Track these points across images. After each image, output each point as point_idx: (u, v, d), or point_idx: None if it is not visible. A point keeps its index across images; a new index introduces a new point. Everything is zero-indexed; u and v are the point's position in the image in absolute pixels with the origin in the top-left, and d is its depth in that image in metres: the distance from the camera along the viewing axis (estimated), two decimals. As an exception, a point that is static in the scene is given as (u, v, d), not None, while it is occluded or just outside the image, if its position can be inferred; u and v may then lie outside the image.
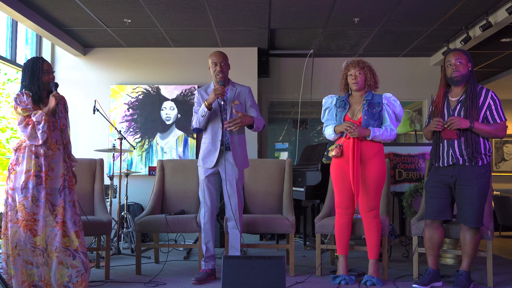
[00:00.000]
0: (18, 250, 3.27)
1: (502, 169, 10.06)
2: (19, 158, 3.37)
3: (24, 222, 3.28)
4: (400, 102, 3.88)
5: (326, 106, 4.01)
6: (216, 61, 3.94)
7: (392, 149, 5.34)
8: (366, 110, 3.80)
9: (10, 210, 3.32)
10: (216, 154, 3.90)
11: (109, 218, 4.22)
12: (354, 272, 4.11)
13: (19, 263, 3.26)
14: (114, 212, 5.91)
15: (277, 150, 14.48)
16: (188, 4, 5.16)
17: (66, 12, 5.42)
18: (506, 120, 3.61)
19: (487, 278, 3.80)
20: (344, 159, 3.82)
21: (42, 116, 3.34)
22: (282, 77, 7.33)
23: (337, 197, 3.93)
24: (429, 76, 7.26)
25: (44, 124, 3.34)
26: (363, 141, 3.77)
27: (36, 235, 3.30)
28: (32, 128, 3.33)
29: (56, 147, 3.46)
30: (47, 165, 3.38)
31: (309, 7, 5.30)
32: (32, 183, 3.32)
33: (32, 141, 3.35)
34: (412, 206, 4.86)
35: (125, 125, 6.64)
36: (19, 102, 3.37)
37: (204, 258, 3.99)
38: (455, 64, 3.62)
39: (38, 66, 3.45)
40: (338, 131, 3.84)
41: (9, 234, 3.29)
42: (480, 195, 3.54)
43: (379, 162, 3.80)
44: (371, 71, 3.88)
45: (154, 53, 6.83)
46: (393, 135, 3.80)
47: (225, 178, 3.92)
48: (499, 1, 5.05)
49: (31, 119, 3.34)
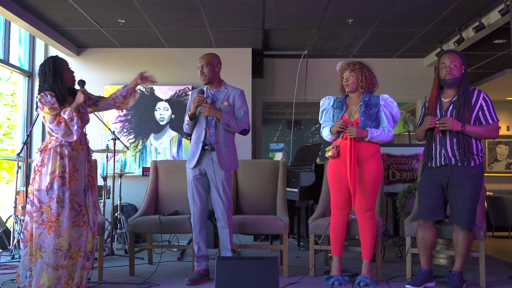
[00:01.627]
0: (41, 252, 3.27)
1: (495, 169, 10.12)
2: (45, 159, 3.37)
3: (50, 223, 3.28)
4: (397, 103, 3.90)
5: (324, 107, 4.02)
6: (199, 64, 3.99)
7: (385, 150, 5.35)
8: (363, 111, 3.81)
9: (35, 212, 3.31)
10: (197, 155, 3.91)
11: (103, 219, 4.20)
12: (348, 272, 4.12)
13: (40, 265, 3.26)
14: (107, 212, 5.89)
15: (272, 150, 14.51)
16: (182, 4, 5.16)
17: (60, 12, 5.40)
18: (498, 121, 3.63)
19: (479, 278, 3.82)
20: (341, 160, 3.83)
21: (72, 112, 3.36)
22: (276, 78, 7.33)
23: (333, 198, 3.93)
24: (422, 77, 7.28)
25: (77, 120, 3.36)
26: (360, 142, 3.78)
27: (60, 236, 3.30)
28: (66, 125, 3.33)
29: (80, 147, 3.48)
30: (71, 166, 3.39)
31: (303, 8, 5.31)
32: (57, 184, 3.32)
33: (67, 138, 3.36)
34: (405, 206, 4.87)
35: (119, 126, 6.63)
36: (45, 102, 3.36)
37: (196, 258, 3.99)
38: (449, 67, 3.63)
39: (59, 64, 3.45)
40: (334, 132, 3.84)
41: (34, 235, 3.29)
42: (473, 195, 3.55)
43: (376, 163, 3.82)
44: (363, 73, 3.85)
45: (148, 53, 6.82)
46: (391, 136, 3.81)
47: (214, 179, 3.90)
48: (492, 2, 5.08)
49: (62, 117, 3.34)
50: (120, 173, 5.66)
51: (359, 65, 3.87)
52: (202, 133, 3.91)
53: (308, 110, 7.23)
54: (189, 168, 3.98)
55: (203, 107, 3.82)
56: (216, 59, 4.02)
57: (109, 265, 4.67)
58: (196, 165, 3.92)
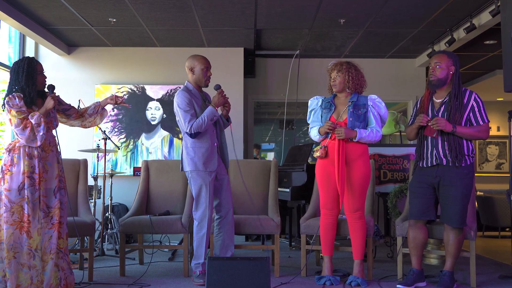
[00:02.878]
0: (14, 253, 3.23)
1: (485, 169, 10.19)
2: (14, 158, 3.33)
3: (21, 223, 3.24)
4: (385, 103, 3.90)
5: (312, 107, 4.02)
6: (209, 66, 4.03)
7: (377, 150, 5.36)
8: (352, 111, 3.81)
9: (5, 212, 3.27)
10: (216, 156, 3.94)
11: (93, 219, 4.17)
12: (339, 272, 4.12)
13: (14, 266, 3.22)
14: (98, 213, 5.86)
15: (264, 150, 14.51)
16: (174, 3, 5.13)
17: (50, 11, 5.36)
18: (489, 122, 3.65)
19: (470, 278, 3.83)
20: (329, 160, 3.83)
21: (40, 118, 3.32)
22: (268, 77, 7.33)
23: (322, 198, 3.94)
24: (414, 77, 7.31)
25: (44, 126, 3.32)
26: (348, 143, 3.79)
27: (31, 237, 3.26)
28: (31, 130, 3.29)
29: (49, 148, 3.44)
30: (41, 167, 3.35)
31: (295, 8, 5.31)
32: (26, 184, 3.29)
33: (30, 144, 3.32)
34: (396, 206, 4.89)
35: (110, 125, 6.59)
36: (12, 105, 3.31)
37: (202, 264, 3.94)
38: (433, 68, 3.67)
39: (34, 67, 3.41)
40: (322, 132, 3.85)
41: (5, 236, 3.24)
42: (464, 195, 3.57)
43: (364, 163, 3.82)
44: (350, 73, 3.84)
45: (140, 52, 6.79)
46: (379, 137, 3.82)
47: (222, 178, 4.02)
48: (482, 4, 5.10)
49: (29, 121, 3.30)
50: (111, 173, 5.63)
51: (346, 65, 3.86)
52: (214, 135, 3.98)
53: (300, 110, 7.22)
54: (205, 172, 3.90)
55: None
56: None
57: (99, 266, 4.64)
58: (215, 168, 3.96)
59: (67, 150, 6.41)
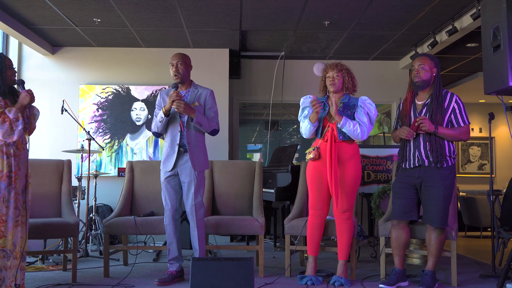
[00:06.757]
0: None
1: (467, 170, 10.32)
2: None
3: None
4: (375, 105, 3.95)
5: (304, 105, 4.04)
6: (173, 62, 3.95)
7: (361, 151, 5.37)
8: (341, 111, 3.85)
9: None
10: (174, 157, 3.90)
11: (77, 220, 4.15)
12: (323, 272, 4.15)
13: None
14: (82, 213, 5.81)
15: (250, 151, 14.51)
16: (159, 4, 5.13)
17: (34, 10, 5.32)
18: (469, 124, 3.72)
19: (451, 277, 3.89)
20: (321, 161, 3.86)
21: (17, 112, 3.29)
22: (253, 78, 7.35)
23: (312, 199, 3.96)
24: (397, 79, 7.38)
25: (22, 121, 3.29)
26: (340, 143, 3.82)
27: (3, 237, 3.22)
28: (10, 124, 3.25)
29: (22, 146, 3.41)
30: (16, 165, 3.32)
31: (280, 10, 5.34)
32: (4, 183, 3.25)
33: (7, 139, 3.27)
34: (380, 207, 4.94)
35: (94, 126, 6.55)
36: None
37: (168, 260, 3.98)
38: (417, 70, 3.72)
39: (2, 62, 3.37)
40: (313, 120, 3.85)
41: None
42: (445, 196, 3.62)
43: (356, 164, 3.87)
44: (349, 74, 3.92)
45: (125, 53, 6.76)
46: (363, 132, 3.81)
47: (187, 180, 3.91)
48: (464, 7, 5.18)
49: (8, 116, 3.26)
50: (95, 174, 5.60)
51: (346, 66, 3.94)
52: (177, 136, 3.90)
53: (285, 111, 7.26)
54: (163, 170, 3.98)
55: (178, 102, 3.77)
56: (189, 59, 4.05)
57: (83, 267, 4.62)
58: (174, 168, 3.92)
59: (51, 151, 6.39)
